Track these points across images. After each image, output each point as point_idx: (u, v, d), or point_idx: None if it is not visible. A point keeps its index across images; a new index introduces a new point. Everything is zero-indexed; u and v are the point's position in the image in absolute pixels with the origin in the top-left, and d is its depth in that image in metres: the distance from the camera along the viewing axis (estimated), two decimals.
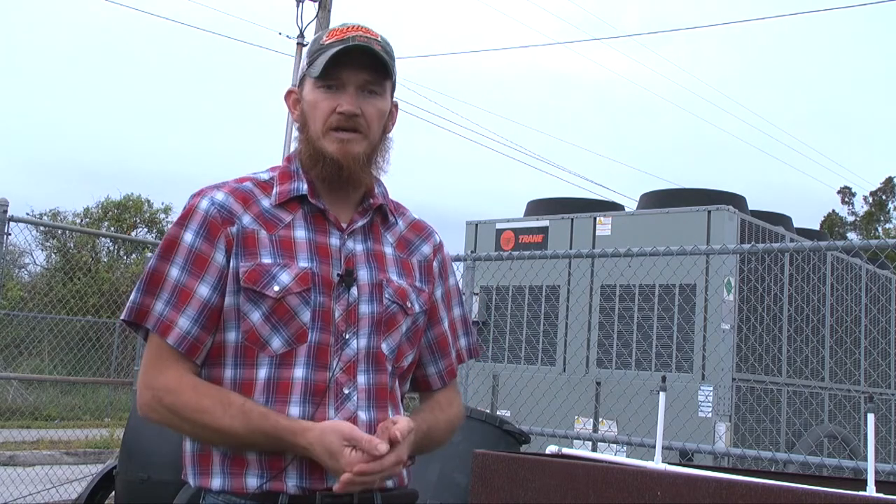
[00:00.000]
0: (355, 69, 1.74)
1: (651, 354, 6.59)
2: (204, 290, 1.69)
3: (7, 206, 6.34)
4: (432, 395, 1.93)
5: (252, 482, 1.64)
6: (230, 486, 1.66)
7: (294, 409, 1.66)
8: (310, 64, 1.77)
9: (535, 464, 3.00)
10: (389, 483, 1.74)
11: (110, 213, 22.38)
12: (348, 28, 1.77)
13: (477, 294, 7.31)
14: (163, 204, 22.91)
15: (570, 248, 6.93)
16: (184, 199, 1.79)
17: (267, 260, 1.70)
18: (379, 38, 1.77)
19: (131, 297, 1.74)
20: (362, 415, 1.70)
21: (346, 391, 1.69)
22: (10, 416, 13.75)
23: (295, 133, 1.83)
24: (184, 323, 1.68)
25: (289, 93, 1.85)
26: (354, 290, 1.73)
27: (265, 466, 1.65)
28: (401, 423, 1.66)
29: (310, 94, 1.77)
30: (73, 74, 51.87)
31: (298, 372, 1.67)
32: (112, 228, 21.49)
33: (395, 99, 1.86)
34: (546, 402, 6.32)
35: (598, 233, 7.12)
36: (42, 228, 19.78)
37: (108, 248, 21.57)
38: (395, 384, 1.80)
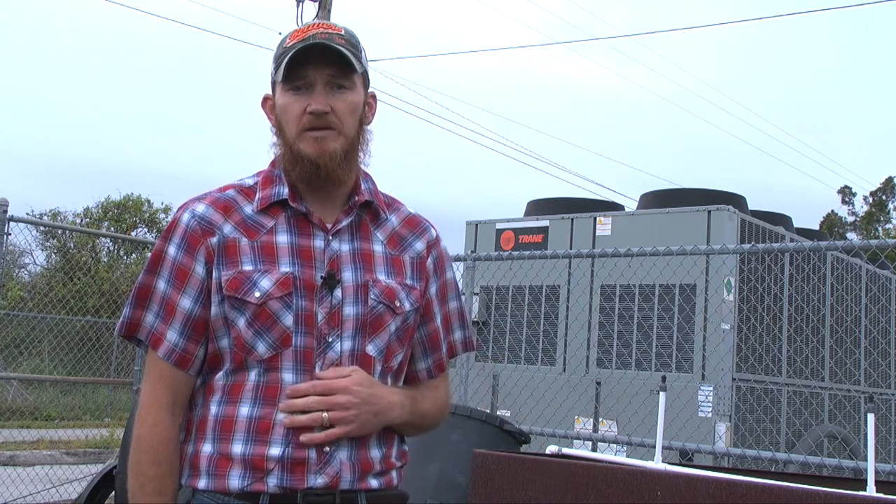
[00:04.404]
0: (319, 66, 1.73)
1: (651, 354, 6.59)
2: (186, 303, 1.73)
3: (7, 206, 6.35)
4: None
5: (234, 483, 1.67)
6: (214, 486, 1.69)
7: (282, 413, 1.68)
8: (276, 69, 1.76)
9: (535, 464, 3.00)
10: (375, 483, 1.75)
11: (110, 213, 22.34)
12: (309, 27, 1.77)
13: (477, 294, 7.31)
14: (163, 204, 22.87)
15: (570, 248, 6.92)
16: (184, 199, 1.82)
17: (248, 267, 1.71)
18: (342, 32, 1.77)
19: (124, 312, 1.77)
20: None
21: None
22: (10, 416, 13.75)
23: (273, 139, 1.81)
24: (172, 336, 1.73)
25: (265, 100, 1.84)
26: (338, 293, 1.74)
27: (248, 468, 1.67)
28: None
29: (280, 98, 1.77)
30: (73, 74, 51.93)
31: (287, 376, 1.69)
32: (112, 228, 21.44)
33: (371, 89, 1.84)
34: (546, 402, 6.31)
35: (598, 233, 7.12)
36: (42, 228, 19.75)
37: (108, 248, 21.54)
38: (387, 383, 1.81)
